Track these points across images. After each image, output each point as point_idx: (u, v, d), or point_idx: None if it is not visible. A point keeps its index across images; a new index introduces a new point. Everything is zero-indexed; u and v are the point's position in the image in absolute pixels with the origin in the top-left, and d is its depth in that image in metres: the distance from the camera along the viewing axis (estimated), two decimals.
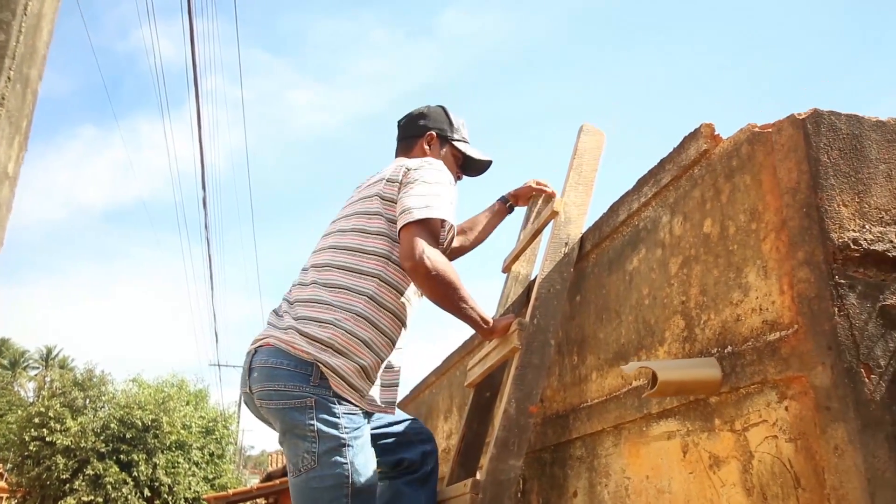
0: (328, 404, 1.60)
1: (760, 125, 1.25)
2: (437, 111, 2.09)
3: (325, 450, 1.58)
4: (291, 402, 1.60)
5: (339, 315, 1.67)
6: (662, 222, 1.53)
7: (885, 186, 1.13)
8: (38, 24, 1.29)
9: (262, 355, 1.68)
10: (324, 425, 1.59)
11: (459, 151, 2.07)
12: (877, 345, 1.01)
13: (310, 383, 1.61)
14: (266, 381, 1.64)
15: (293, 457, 1.61)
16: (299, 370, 1.62)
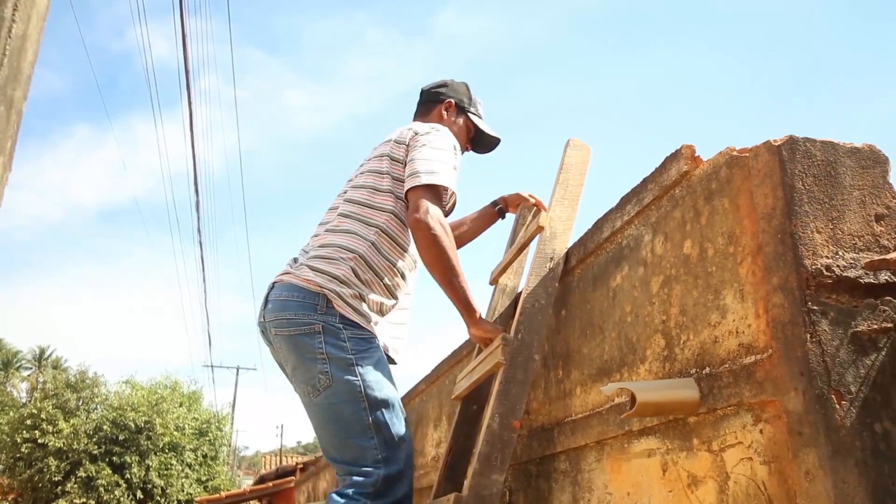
0: (335, 329, 1.77)
1: (739, 149, 1.27)
2: (460, 84, 2.25)
3: (337, 369, 1.74)
4: (301, 328, 1.77)
5: (344, 255, 1.85)
6: (644, 241, 1.55)
7: (859, 213, 1.14)
8: (22, 46, 1.30)
9: (276, 290, 1.88)
10: (332, 348, 1.75)
11: (473, 124, 2.21)
12: (848, 371, 1.03)
13: (317, 312, 1.78)
14: (278, 312, 1.82)
15: (310, 379, 1.76)
16: (307, 301, 1.79)
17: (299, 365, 1.78)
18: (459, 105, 2.19)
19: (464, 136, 2.20)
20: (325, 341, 1.75)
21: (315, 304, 1.79)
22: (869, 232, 1.14)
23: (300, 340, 1.77)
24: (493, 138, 2.26)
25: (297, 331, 1.78)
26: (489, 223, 2.40)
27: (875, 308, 1.07)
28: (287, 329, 1.80)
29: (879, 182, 1.17)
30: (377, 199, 1.93)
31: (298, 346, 1.78)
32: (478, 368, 1.96)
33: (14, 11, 1.25)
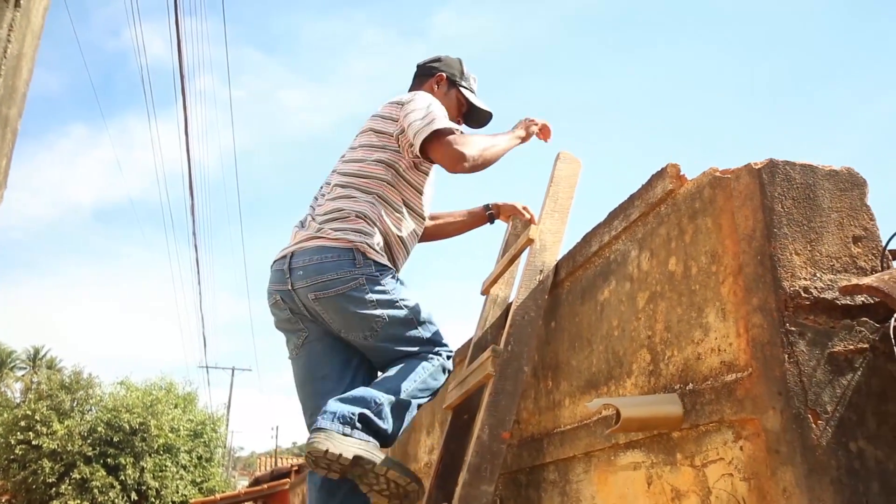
0: (375, 278, 1.92)
1: (721, 170, 1.29)
2: (454, 59, 2.33)
3: (387, 310, 1.92)
4: (348, 285, 1.89)
5: (352, 214, 1.97)
6: (631, 256, 1.57)
7: (837, 235, 1.17)
8: (17, 65, 1.31)
9: (302, 255, 1.95)
10: (378, 294, 1.91)
11: (465, 98, 2.29)
12: (824, 391, 1.05)
13: (356, 266, 1.90)
14: (317, 275, 1.91)
15: (366, 326, 1.92)
16: (344, 258, 1.91)
17: (353, 317, 1.91)
18: (451, 78, 2.27)
19: (455, 110, 2.27)
20: (370, 291, 1.90)
21: (353, 259, 1.91)
22: (847, 253, 1.17)
23: (351, 296, 1.90)
24: (485, 112, 2.33)
25: (345, 288, 1.89)
26: (477, 224, 2.48)
27: (851, 329, 1.10)
28: (333, 289, 1.90)
29: (857, 204, 1.20)
30: (370, 170, 2.04)
31: (350, 301, 1.90)
32: (468, 379, 1.98)
33: (10, 31, 1.27)
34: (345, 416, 1.78)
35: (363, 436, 1.79)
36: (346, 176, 2.06)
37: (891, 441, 1.05)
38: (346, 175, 2.07)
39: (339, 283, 1.89)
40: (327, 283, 1.90)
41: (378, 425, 1.83)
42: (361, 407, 1.81)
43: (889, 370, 1.09)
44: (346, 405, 1.81)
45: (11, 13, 1.27)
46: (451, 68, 2.29)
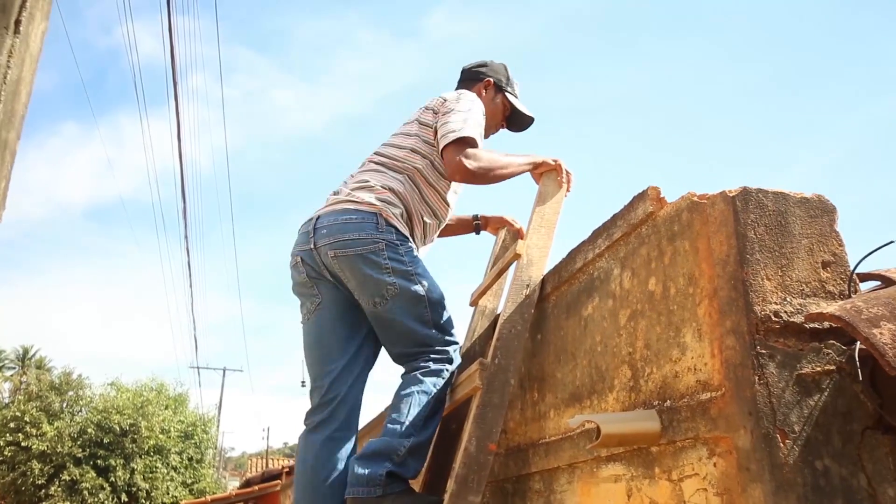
0: (394, 245, 1.99)
1: (699, 195, 1.34)
2: (500, 65, 2.40)
3: (401, 278, 1.97)
4: (368, 247, 1.96)
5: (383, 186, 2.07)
6: (614, 274, 1.62)
7: (807, 260, 1.22)
8: (16, 90, 1.35)
9: (328, 216, 2.04)
10: (394, 262, 1.97)
11: (509, 103, 2.37)
12: (792, 411, 1.11)
13: (377, 230, 1.98)
14: (339, 234, 1.99)
15: (378, 291, 1.97)
16: (367, 220, 1.99)
17: (367, 280, 1.97)
18: (497, 84, 2.35)
19: (500, 114, 2.37)
20: (388, 256, 1.96)
21: (375, 222, 1.99)
22: (816, 278, 1.22)
23: (368, 258, 1.96)
24: (527, 117, 2.42)
25: (364, 249, 1.96)
26: (463, 232, 2.56)
27: (819, 351, 1.15)
28: (352, 249, 1.97)
29: (827, 230, 1.25)
30: (404, 155, 2.14)
31: (366, 262, 1.96)
32: (457, 390, 2.03)
33: (9, 58, 1.31)
34: (373, 478, 1.84)
35: (394, 491, 1.85)
36: (382, 156, 2.17)
37: (855, 459, 1.10)
38: (381, 155, 2.18)
39: (359, 243, 1.97)
40: (347, 243, 1.97)
41: (403, 475, 1.89)
42: (385, 463, 1.86)
43: (854, 391, 1.14)
44: (371, 466, 1.85)
45: (11, 40, 1.31)
46: (497, 74, 2.37)
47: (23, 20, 1.33)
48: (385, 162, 2.15)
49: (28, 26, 1.37)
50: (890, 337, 0.95)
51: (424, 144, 2.14)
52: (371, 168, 2.16)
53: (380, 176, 2.11)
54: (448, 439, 2.22)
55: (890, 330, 0.96)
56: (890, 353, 0.92)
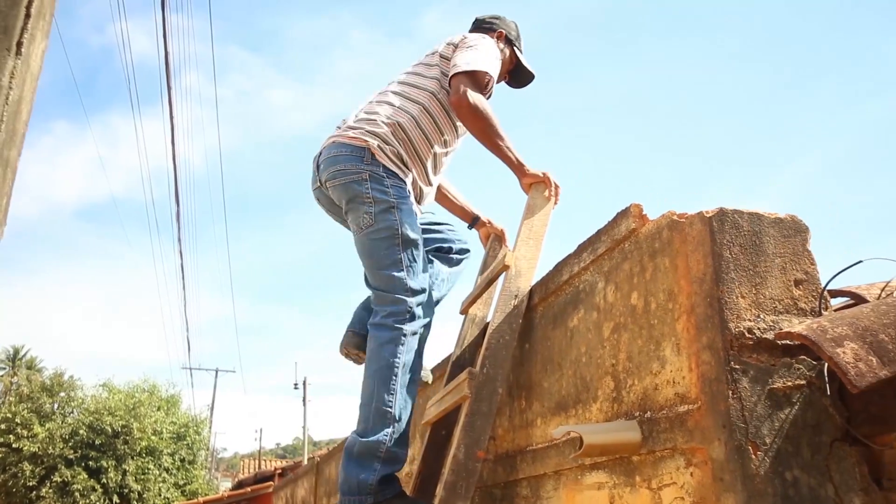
0: (379, 177, 2.08)
1: (678, 214, 1.39)
2: (511, 22, 2.53)
3: (379, 210, 2.06)
4: (351, 176, 2.09)
5: (386, 121, 2.16)
6: (598, 288, 1.67)
7: (780, 278, 1.28)
8: (18, 109, 1.39)
9: (326, 151, 2.18)
10: (377, 192, 2.06)
11: (516, 57, 2.49)
12: (764, 424, 1.16)
13: (363, 162, 2.09)
14: (331, 167, 2.13)
15: (357, 219, 2.09)
16: (355, 154, 2.10)
17: (350, 209, 2.10)
18: (508, 37, 2.46)
19: (505, 66, 2.46)
20: (371, 187, 2.07)
21: (361, 156, 2.10)
22: (788, 296, 1.27)
23: (351, 187, 2.09)
24: (529, 74, 2.54)
25: (348, 179, 2.09)
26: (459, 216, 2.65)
27: (790, 366, 1.21)
28: (339, 179, 2.11)
29: (799, 249, 1.30)
30: (422, 82, 2.26)
31: (349, 191, 2.09)
32: (446, 398, 2.07)
33: (11, 79, 1.34)
34: (364, 485, 1.91)
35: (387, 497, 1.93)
36: (403, 84, 2.28)
37: (823, 469, 1.16)
38: (402, 84, 2.28)
39: (344, 174, 2.10)
40: (336, 174, 2.12)
41: (395, 471, 1.97)
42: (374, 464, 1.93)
43: (824, 404, 1.20)
44: (360, 471, 1.92)
45: (13, 61, 1.35)
46: (509, 28, 2.49)
47: (24, 41, 1.37)
48: (404, 91, 2.25)
49: (29, 47, 1.41)
50: (853, 356, 1.00)
51: (443, 76, 2.24)
52: (385, 100, 2.24)
53: (391, 109, 2.20)
54: (438, 445, 2.27)
55: (853, 349, 1.01)
56: (852, 371, 0.98)
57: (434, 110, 2.23)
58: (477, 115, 2.09)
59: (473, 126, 2.13)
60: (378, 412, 1.97)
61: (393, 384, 1.99)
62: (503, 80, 2.51)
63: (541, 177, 2.14)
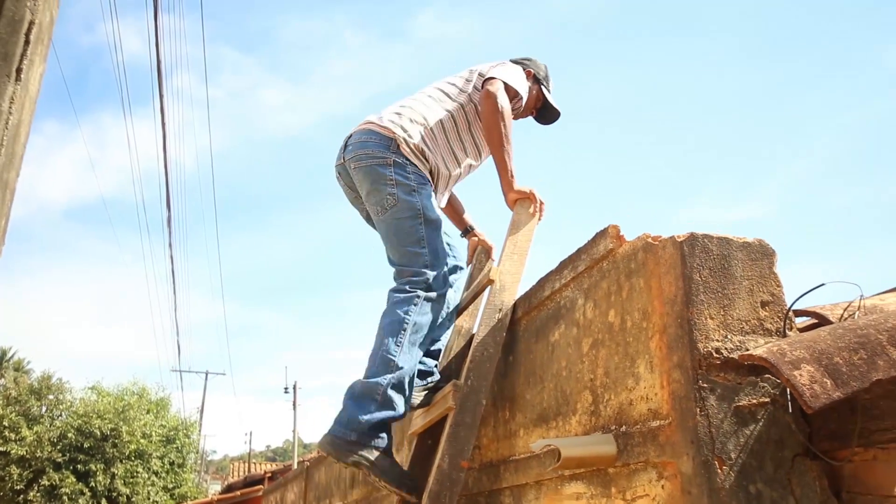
0: (402, 164, 2.24)
1: (653, 237, 1.46)
2: (541, 64, 2.69)
3: (402, 192, 2.21)
4: (376, 160, 2.25)
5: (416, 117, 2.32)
6: (578, 304, 1.74)
7: (747, 300, 1.34)
8: (17, 133, 1.43)
9: (356, 135, 2.34)
10: (399, 176, 2.22)
11: (543, 95, 2.64)
12: (729, 440, 1.22)
13: (389, 149, 2.25)
14: (358, 149, 2.30)
15: (380, 200, 2.24)
16: (382, 142, 2.26)
17: (373, 190, 2.25)
18: (536, 76, 2.62)
19: (532, 103, 2.62)
20: (394, 171, 2.22)
21: (388, 144, 2.25)
22: (755, 317, 1.34)
23: (375, 170, 2.24)
24: (556, 112, 2.69)
25: (373, 162, 2.25)
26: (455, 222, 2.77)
27: (756, 385, 1.27)
28: (365, 161, 2.26)
29: (766, 272, 1.37)
30: (455, 93, 2.42)
31: (373, 174, 2.24)
32: (432, 409, 2.13)
33: (11, 104, 1.39)
34: (353, 422, 1.99)
35: (368, 446, 1.99)
36: (436, 90, 2.44)
37: (786, 483, 1.22)
38: (436, 88, 2.44)
39: (370, 157, 2.26)
40: (362, 156, 2.27)
41: (387, 417, 2.02)
42: (370, 406, 2.00)
43: (787, 421, 1.26)
44: (355, 409, 2.00)
45: (13, 87, 1.39)
46: (537, 68, 2.65)
47: (24, 67, 1.42)
48: (437, 96, 2.40)
49: (28, 72, 1.46)
50: (808, 378, 1.06)
51: (475, 91, 2.40)
52: (420, 100, 2.38)
53: (421, 106, 2.35)
54: (424, 454, 2.32)
55: (809, 371, 1.07)
56: (808, 393, 1.04)
57: (460, 121, 2.38)
58: (498, 113, 2.24)
59: (490, 120, 2.27)
60: (382, 359, 2.06)
61: (401, 338, 2.08)
62: (531, 114, 2.67)
63: (527, 193, 2.21)
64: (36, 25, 1.46)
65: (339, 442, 1.98)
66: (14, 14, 1.42)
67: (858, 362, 1.09)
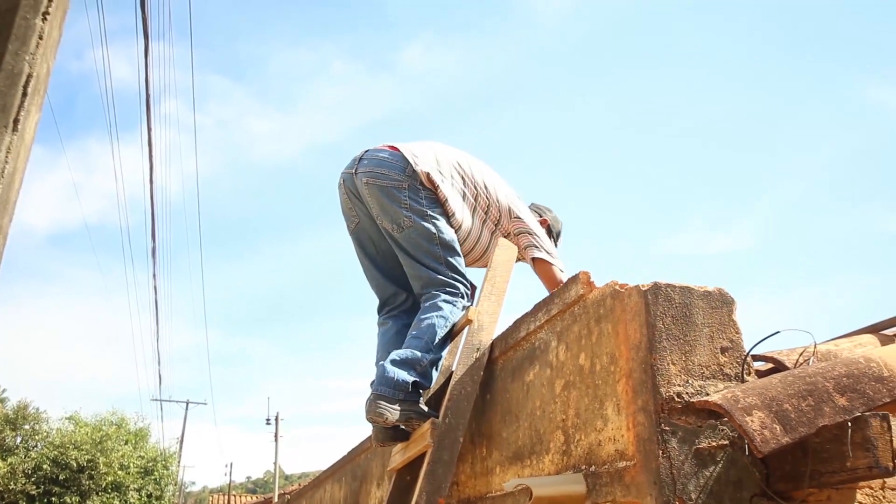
0: (416, 188, 2.35)
1: (620, 284, 1.54)
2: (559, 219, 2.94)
3: (416, 214, 2.32)
4: (393, 182, 2.35)
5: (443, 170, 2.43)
6: (552, 346, 1.80)
7: (708, 346, 1.42)
8: (11, 180, 1.49)
9: (375, 152, 2.44)
10: (412, 201, 2.33)
11: None
12: (690, 481, 1.28)
13: (405, 173, 2.35)
14: (375, 167, 2.39)
15: (396, 218, 2.33)
16: (399, 163, 2.37)
17: (387, 208, 2.34)
18: (551, 228, 2.84)
19: None
20: (409, 196, 2.33)
21: (404, 167, 2.35)
22: (715, 362, 1.41)
23: (390, 191, 2.34)
24: None
25: (389, 184, 2.35)
26: None
27: (715, 428, 1.34)
28: (380, 181, 2.36)
29: (726, 320, 1.45)
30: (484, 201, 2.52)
31: (387, 194, 2.34)
32: (411, 446, 2.17)
33: (7, 154, 1.45)
34: (399, 383, 2.13)
35: (411, 399, 2.15)
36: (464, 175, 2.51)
37: None
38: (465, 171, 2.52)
39: (387, 178, 2.36)
40: (378, 175, 2.37)
41: (425, 385, 2.22)
42: (411, 371, 2.16)
43: (745, 462, 1.33)
44: (399, 372, 2.15)
45: (10, 137, 1.45)
46: (555, 223, 2.89)
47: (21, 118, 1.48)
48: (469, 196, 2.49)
49: (24, 122, 1.52)
50: (759, 424, 1.13)
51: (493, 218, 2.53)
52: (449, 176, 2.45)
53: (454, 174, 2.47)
54: (402, 491, 2.35)
55: (760, 418, 1.14)
56: (758, 438, 1.11)
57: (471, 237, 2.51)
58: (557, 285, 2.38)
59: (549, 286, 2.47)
60: (426, 343, 2.22)
61: (440, 329, 2.24)
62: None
63: None
64: (34, 78, 1.53)
65: (390, 399, 2.11)
66: (13, 68, 1.48)
67: (806, 408, 1.16)
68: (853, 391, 1.20)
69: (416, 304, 2.48)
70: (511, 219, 2.55)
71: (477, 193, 2.50)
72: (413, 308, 2.50)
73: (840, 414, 1.15)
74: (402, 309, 2.53)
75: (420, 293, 2.37)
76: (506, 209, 2.55)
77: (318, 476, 5.59)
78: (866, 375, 1.24)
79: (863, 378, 1.22)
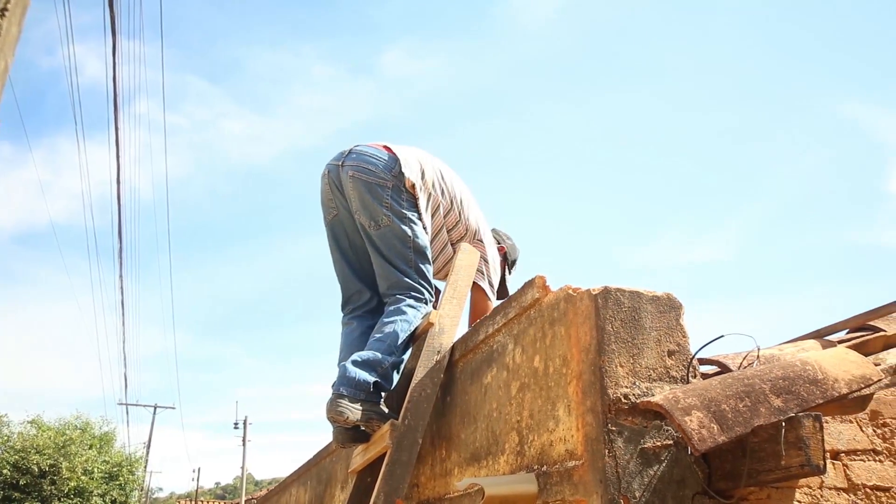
0: (399, 189, 2.37)
1: (573, 288, 1.58)
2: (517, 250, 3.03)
3: (395, 215, 2.34)
4: (377, 180, 2.37)
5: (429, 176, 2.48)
6: (509, 349, 1.84)
7: (655, 349, 1.46)
8: None
9: (365, 148, 2.46)
10: (394, 202, 2.35)
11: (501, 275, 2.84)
12: (635, 480, 1.32)
13: (391, 173, 2.37)
14: (363, 162, 2.41)
15: (374, 215, 2.35)
16: (388, 163, 2.39)
17: (367, 203, 2.36)
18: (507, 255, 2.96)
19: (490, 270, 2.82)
20: (391, 196, 2.35)
21: (391, 167, 2.38)
22: (662, 365, 1.46)
23: (374, 188, 2.36)
24: (505, 291, 2.92)
25: (374, 180, 2.37)
26: None
27: (660, 428, 1.38)
28: (365, 176, 2.38)
29: (673, 324, 1.50)
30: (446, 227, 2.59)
31: (370, 191, 2.36)
32: (371, 448, 2.18)
33: None
34: (361, 383, 2.15)
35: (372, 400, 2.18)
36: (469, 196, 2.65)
37: None
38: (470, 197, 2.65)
39: (373, 175, 2.38)
40: (364, 170, 2.39)
41: (386, 386, 2.24)
42: (373, 372, 2.18)
43: (689, 461, 1.37)
44: (361, 372, 2.17)
45: None
46: (512, 252, 2.99)
47: None
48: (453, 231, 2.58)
49: None
50: (697, 423, 1.18)
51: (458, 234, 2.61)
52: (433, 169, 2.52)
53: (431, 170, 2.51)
54: (362, 493, 2.36)
55: (698, 417, 1.19)
56: (696, 437, 1.15)
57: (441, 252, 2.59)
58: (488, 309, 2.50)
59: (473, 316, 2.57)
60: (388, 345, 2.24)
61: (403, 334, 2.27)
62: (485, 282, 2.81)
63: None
64: None
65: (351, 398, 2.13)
66: None
67: (743, 409, 1.21)
68: (788, 393, 1.25)
69: (380, 304, 2.49)
70: (474, 240, 2.61)
71: (451, 209, 2.55)
72: (377, 309, 2.52)
73: (775, 414, 1.20)
74: (367, 309, 2.55)
75: (385, 293, 2.39)
76: (473, 230, 2.61)
77: (284, 480, 5.55)
78: (802, 378, 1.29)
79: (798, 380, 1.28)
